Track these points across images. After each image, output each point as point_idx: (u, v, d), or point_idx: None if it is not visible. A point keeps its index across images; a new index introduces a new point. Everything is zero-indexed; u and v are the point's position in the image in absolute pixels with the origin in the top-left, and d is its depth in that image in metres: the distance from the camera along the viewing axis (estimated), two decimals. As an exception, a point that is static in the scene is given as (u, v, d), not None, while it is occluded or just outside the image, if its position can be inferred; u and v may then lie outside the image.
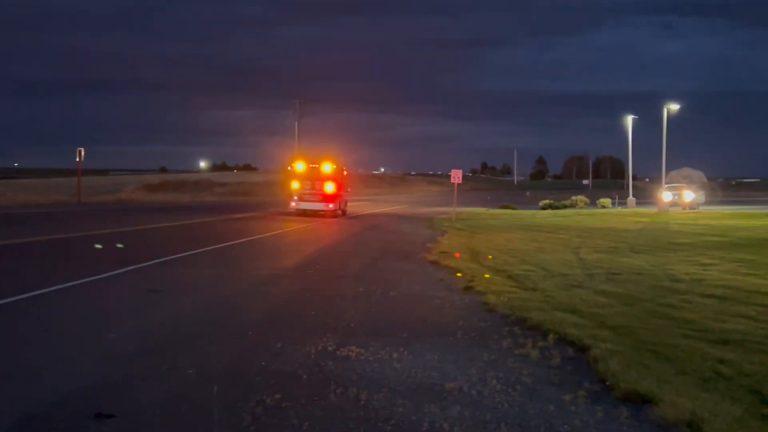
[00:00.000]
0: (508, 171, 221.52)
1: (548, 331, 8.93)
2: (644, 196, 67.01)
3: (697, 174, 65.52)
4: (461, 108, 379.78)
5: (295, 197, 35.95)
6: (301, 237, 25.32)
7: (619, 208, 55.37)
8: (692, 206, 50.28)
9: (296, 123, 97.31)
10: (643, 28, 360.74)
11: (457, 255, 18.39)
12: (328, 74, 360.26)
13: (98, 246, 17.46)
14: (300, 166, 36.45)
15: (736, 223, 32.87)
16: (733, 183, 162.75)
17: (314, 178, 35.71)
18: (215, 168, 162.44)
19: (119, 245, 17.96)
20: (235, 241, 21.54)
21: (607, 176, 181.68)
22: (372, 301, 11.53)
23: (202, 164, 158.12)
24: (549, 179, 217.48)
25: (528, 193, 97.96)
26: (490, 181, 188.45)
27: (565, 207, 55.38)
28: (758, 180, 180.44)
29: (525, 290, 12.66)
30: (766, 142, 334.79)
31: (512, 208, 53.46)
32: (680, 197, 50.98)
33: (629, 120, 60.57)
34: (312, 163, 36.41)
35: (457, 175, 38.39)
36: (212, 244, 20.01)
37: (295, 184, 35.91)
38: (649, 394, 6.24)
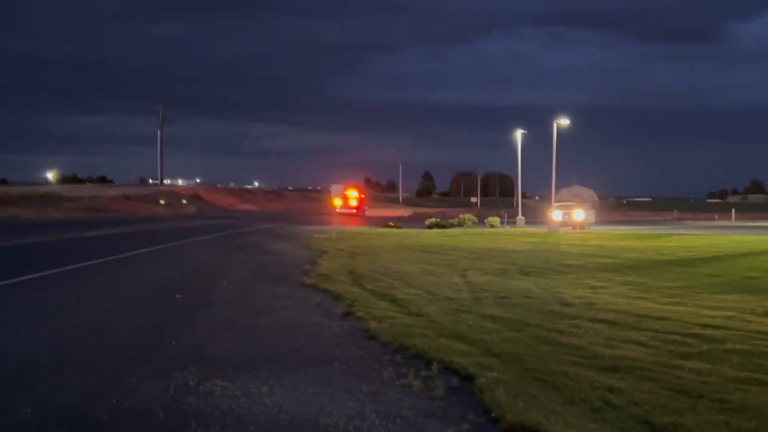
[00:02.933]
0: (393, 187, 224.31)
1: (432, 360, 9.03)
2: (534, 215, 69.34)
3: (588, 192, 68.51)
4: (344, 118, 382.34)
5: (338, 206, 72.03)
6: (161, 259, 24.70)
7: (508, 227, 56.99)
8: (583, 226, 52.26)
9: (159, 131, 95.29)
10: (533, 38, 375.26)
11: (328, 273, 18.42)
12: (198, 78, 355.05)
13: None
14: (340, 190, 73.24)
15: (627, 244, 34.42)
16: (625, 202, 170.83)
17: (346, 196, 71.53)
18: (65, 180, 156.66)
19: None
20: (83, 264, 20.80)
21: (496, 193, 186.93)
22: (240, 329, 11.35)
23: (50, 175, 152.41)
24: (436, 196, 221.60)
25: (413, 211, 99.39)
26: (374, 197, 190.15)
27: (452, 226, 56.48)
28: (650, 199, 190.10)
29: (409, 315, 12.78)
30: (659, 159, 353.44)
31: (397, 227, 54.06)
32: (571, 216, 52.90)
33: (518, 134, 62.59)
34: (346, 188, 71.89)
35: (337, 191, 38.46)
36: (53, 267, 19.23)
37: (338, 202, 72.81)
38: (537, 425, 6.40)
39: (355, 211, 64.54)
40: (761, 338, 10.60)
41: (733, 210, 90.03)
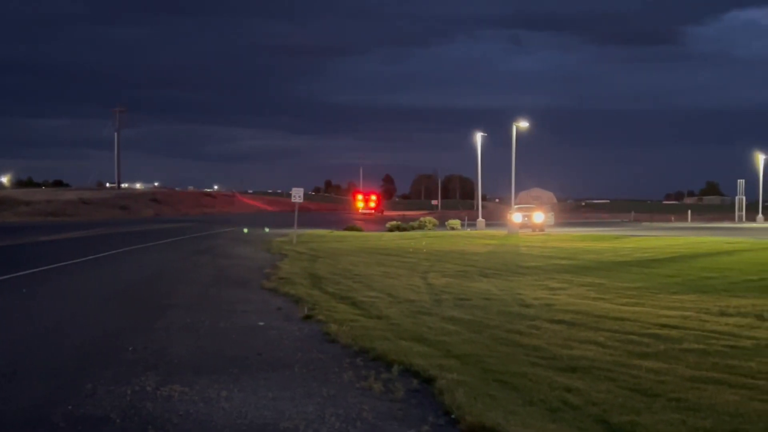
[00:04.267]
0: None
1: (393, 362, 9.04)
2: (494, 217, 69.75)
3: (547, 194, 69.12)
4: (304, 121, 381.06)
5: (360, 208, 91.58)
6: (120, 263, 24.41)
7: (469, 229, 57.23)
8: (542, 228, 52.70)
9: (116, 134, 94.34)
10: (494, 41, 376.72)
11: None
12: (158, 81, 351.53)
13: None
14: (360, 195, 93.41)
15: (585, 245, 34.77)
16: (583, 204, 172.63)
17: (366, 199, 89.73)
18: (20, 184, 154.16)
19: None
20: (39, 269, 20.49)
21: (457, 196, 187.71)
22: (200, 333, 11.26)
23: (4, 179, 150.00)
24: (397, 199, 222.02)
25: (375, 213, 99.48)
26: (335, 200, 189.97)
27: (413, 228, 56.59)
28: (608, 201, 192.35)
29: (369, 318, 12.79)
30: (617, 161, 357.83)
31: (358, 230, 54.02)
32: (530, 218, 53.31)
33: (478, 137, 62.88)
34: (366, 193, 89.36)
35: (298, 194, 38.39)
36: (8, 273, 18.92)
37: (360, 204, 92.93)
38: (496, 426, 6.43)
39: (374, 211, 71.18)
40: (717, 338, 10.77)
41: (689, 211, 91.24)
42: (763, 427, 6.50)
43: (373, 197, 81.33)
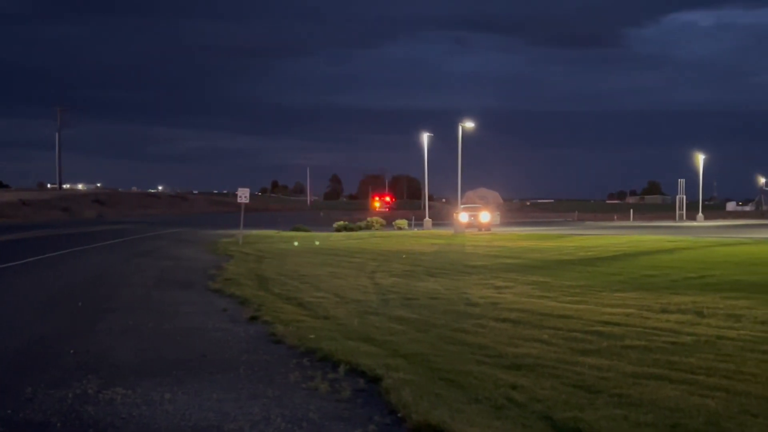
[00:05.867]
0: (301, 190, 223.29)
1: (339, 362, 9.02)
2: (441, 217, 70.16)
3: (493, 194, 69.73)
4: (251, 121, 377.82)
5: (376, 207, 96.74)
6: (61, 265, 23.96)
7: (416, 229, 57.44)
8: (488, 227, 53.15)
9: (57, 134, 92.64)
10: (439, 43, 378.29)
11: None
12: (100, 81, 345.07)
13: None
14: (377, 198, 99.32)
15: (530, 244, 35.15)
16: (528, 204, 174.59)
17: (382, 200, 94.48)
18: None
19: None
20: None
21: (404, 196, 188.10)
22: (143, 336, 11.11)
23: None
24: (344, 199, 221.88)
25: (322, 213, 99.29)
26: (282, 200, 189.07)
27: (360, 229, 56.59)
28: (552, 201, 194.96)
29: (316, 319, 12.75)
30: (561, 161, 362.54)
31: (305, 230, 53.83)
32: (476, 218, 53.72)
33: (425, 137, 63.18)
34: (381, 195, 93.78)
35: (244, 194, 38.11)
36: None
37: (377, 205, 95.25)
38: (441, 424, 6.45)
39: (387, 209, 76.63)
40: (658, 334, 10.97)
41: (632, 210, 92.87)
42: (702, 421, 6.64)
43: (387, 198, 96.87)
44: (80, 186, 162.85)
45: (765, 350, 9.67)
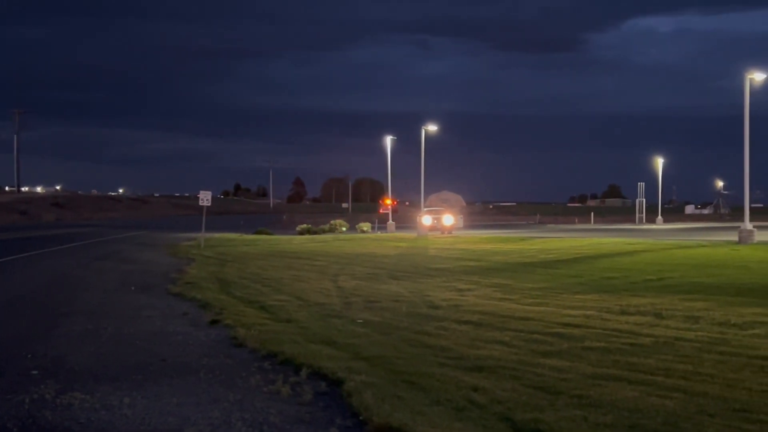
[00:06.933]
0: (263, 193, 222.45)
1: (301, 365, 8.99)
2: (404, 220, 70.22)
3: (456, 197, 69.94)
4: (213, 124, 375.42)
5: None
6: (19, 269, 23.61)
7: (379, 232, 57.43)
8: (451, 230, 53.33)
9: (15, 136, 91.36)
10: (402, 46, 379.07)
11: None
12: (60, 82, 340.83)
13: None
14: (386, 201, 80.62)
15: (492, 247, 35.33)
16: (491, 207, 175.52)
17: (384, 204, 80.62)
18: None
19: None
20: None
21: (367, 199, 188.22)
22: (102, 340, 10.98)
23: None
24: (307, 202, 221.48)
25: (285, 217, 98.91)
26: (245, 203, 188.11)
27: (323, 232, 56.47)
28: (514, 204, 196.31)
29: (278, 322, 12.71)
30: (523, 165, 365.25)
31: (268, 233, 53.61)
32: (440, 221, 53.87)
33: (388, 141, 63.20)
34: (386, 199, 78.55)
35: (206, 197, 37.86)
36: None
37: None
38: (403, 427, 6.46)
39: (390, 211, 75.80)
40: (618, 336, 11.08)
41: (592, 213, 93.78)
42: (660, 421, 6.72)
43: (392, 201, 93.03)
44: (39, 189, 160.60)
45: (722, 351, 9.82)
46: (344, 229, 58.77)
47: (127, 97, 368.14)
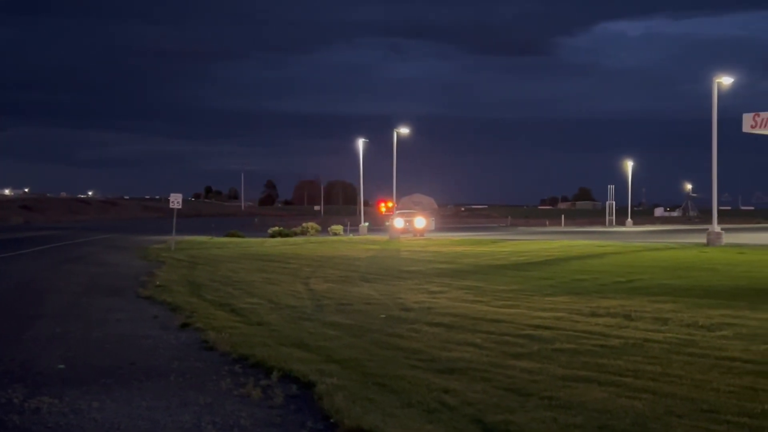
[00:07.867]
0: (235, 196, 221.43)
1: (272, 368, 8.97)
2: (377, 223, 70.19)
3: (428, 200, 70.05)
4: (183, 126, 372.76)
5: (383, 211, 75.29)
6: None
7: (351, 235, 57.43)
8: (423, 233, 53.43)
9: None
10: (374, 49, 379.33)
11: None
12: (28, 83, 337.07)
13: None
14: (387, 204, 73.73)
15: (464, 249, 35.43)
16: (463, 209, 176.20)
17: (387, 207, 70.22)
18: None
19: None
20: None
21: (339, 202, 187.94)
22: (71, 343, 10.88)
23: None
24: (279, 205, 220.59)
25: (257, 219, 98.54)
26: (216, 206, 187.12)
27: (296, 234, 56.36)
28: (486, 206, 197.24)
29: (249, 325, 12.66)
30: (495, 168, 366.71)
31: (239, 236, 53.40)
32: (412, 224, 53.95)
33: (360, 143, 63.26)
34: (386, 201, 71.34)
35: (176, 200, 37.63)
36: None
37: (383, 208, 73.74)
38: (374, 429, 6.47)
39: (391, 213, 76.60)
40: (587, 337, 11.16)
41: (563, 216, 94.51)
42: (629, 422, 6.78)
43: (390, 204, 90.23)
44: (7, 191, 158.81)
45: (690, 353, 9.92)
46: (316, 231, 58.72)
47: (97, 99, 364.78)
